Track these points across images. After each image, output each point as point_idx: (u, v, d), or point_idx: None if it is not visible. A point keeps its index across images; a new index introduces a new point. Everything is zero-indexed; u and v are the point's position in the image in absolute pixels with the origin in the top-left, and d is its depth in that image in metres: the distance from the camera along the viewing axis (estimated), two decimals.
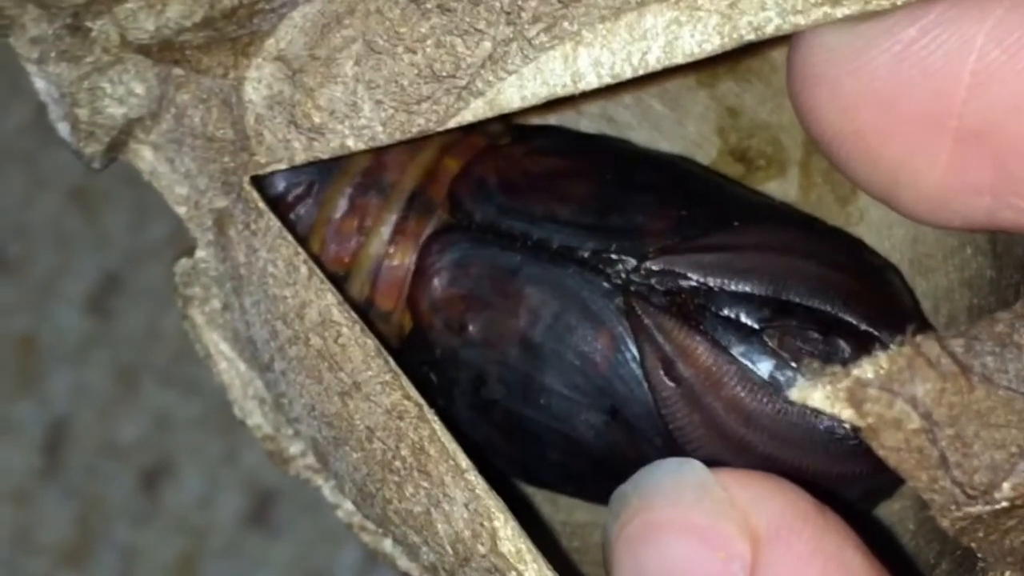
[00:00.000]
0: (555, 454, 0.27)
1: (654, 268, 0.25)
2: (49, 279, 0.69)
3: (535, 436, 0.26)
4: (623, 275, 0.25)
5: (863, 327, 0.25)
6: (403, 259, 0.27)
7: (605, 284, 0.25)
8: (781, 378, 0.24)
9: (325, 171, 0.27)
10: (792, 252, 0.25)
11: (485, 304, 0.26)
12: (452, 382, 0.26)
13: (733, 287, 0.25)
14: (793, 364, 0.24)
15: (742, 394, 0.24)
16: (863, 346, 0.24)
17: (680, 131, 0.29)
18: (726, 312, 0.25)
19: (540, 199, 0.26)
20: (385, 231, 0.27)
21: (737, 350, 0.24)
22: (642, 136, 0.29)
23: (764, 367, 0.24)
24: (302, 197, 0.27)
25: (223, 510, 0.66)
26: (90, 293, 0.69)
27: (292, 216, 0.27)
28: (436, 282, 0.26)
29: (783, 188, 0.29)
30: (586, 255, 0.25)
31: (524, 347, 0.26)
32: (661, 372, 0.25)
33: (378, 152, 0.26)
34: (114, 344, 0.68)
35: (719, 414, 0.24)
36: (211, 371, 0.27)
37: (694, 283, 0.25)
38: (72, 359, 0.68)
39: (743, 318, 0.25)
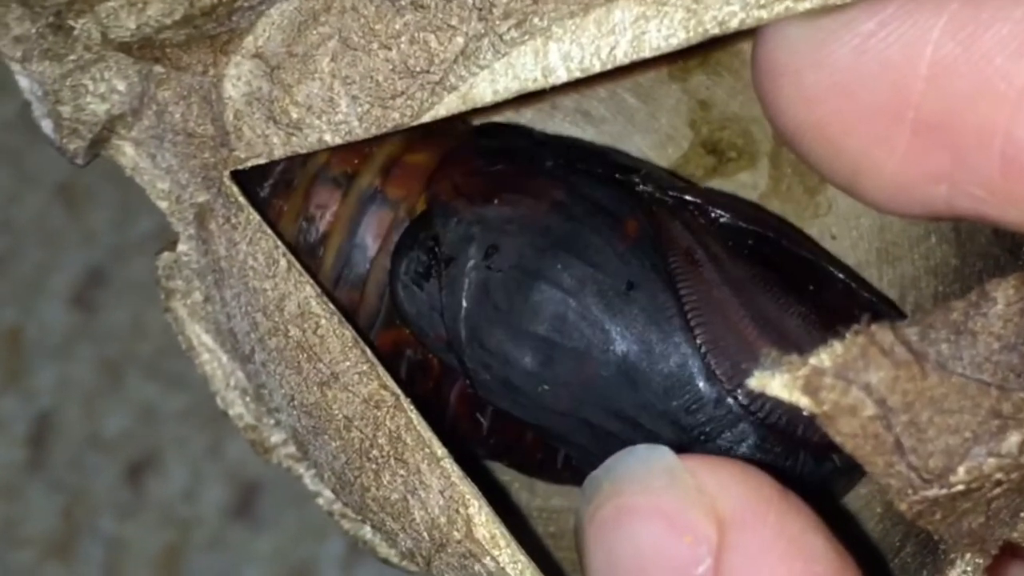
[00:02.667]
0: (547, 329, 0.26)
1: (672, 195, 0.27)
2: (35, 274, 0.69)
3: (536, 306, 0.26)
4: (643, 192, 0.27)
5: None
6: (426, 156, 0.27)
7: (627, 194, 0.26)
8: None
9: None
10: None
11: (511, 191, 0.27)
12: (461, 251, 0.26)
13: (740, 223, 0.26)
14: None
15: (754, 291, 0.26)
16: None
17: (653, 124, 0.30)
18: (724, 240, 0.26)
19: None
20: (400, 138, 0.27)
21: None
22: (616, 129, 0.30)
23: None
24: None
25: (207, 503, 0.66)
26: (75, 288, 0.69)
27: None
28: (462, 171, 0.27)
29: (754, 179, 0.29)
30: (608, 173, 0.27)
31: (545, 229, 0.26)
32: (679, 257, 0.26)
33: None
34: (99, 338, 0.68)
35: (725, 292, 0.26)
36: (194, 363, 0.27)
37: (706, 212, 0.27)
38: (57, 353, 0.68)
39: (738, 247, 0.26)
